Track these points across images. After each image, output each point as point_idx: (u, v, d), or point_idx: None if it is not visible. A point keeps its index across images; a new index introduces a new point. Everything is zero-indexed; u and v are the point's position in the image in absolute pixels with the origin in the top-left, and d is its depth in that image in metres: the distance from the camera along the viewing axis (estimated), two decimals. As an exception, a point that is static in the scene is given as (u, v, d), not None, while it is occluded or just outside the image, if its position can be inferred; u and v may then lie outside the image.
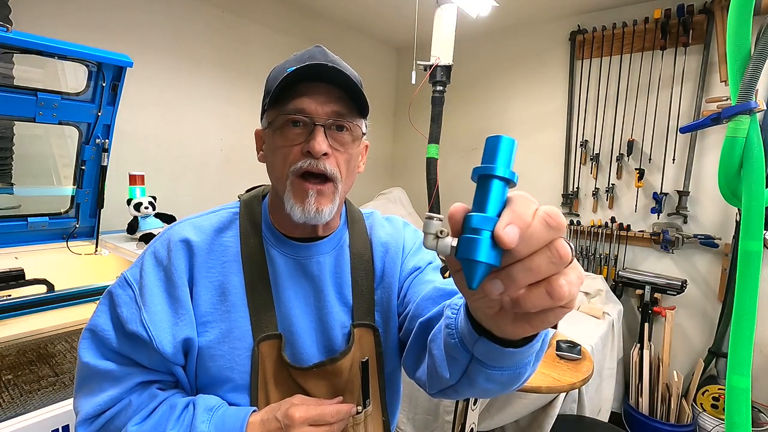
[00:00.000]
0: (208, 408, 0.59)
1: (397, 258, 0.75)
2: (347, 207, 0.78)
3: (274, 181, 0.67)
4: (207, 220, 0.69)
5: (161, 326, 0.60)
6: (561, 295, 0.30)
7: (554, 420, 1.50)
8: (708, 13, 2.24)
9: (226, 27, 2.41)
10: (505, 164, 0.31)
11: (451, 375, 0.53)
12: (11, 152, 1.59)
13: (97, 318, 0.63)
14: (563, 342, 1.34)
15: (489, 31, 3.01)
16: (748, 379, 0.87)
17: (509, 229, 0.29)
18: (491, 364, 0.46)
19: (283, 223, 0.69)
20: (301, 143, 0.62)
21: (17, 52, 1.28)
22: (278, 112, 0.63)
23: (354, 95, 0.63)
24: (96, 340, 0.62)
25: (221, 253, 0.66)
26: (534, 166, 2.94)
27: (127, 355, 0.61)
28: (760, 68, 0.87)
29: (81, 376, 0.62)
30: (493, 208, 0.31)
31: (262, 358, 0.64)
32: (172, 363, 0.62)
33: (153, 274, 0.63)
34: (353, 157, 0.67)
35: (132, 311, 0.61)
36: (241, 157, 2.57)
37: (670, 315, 2.25)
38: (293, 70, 0.60)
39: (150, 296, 0.61)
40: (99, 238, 1.74)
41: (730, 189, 0.96)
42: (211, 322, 0.63)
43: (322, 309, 0.69)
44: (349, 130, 0.64)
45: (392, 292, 0.74)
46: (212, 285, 0.64)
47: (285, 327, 0.66)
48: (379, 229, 0.78)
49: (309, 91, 0.62)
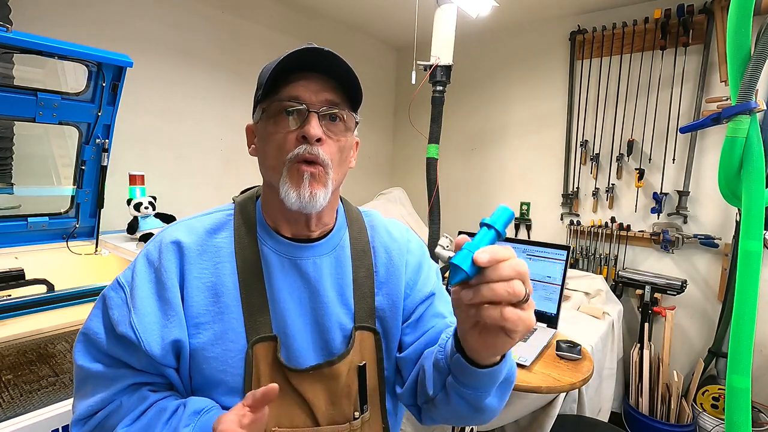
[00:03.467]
0: (195, 411, 0.58)
1: (401, 270, 0.75)
2: (345, 206, 0.78)
3: (266, 171, 0.66)
4: (200, 221, 0.69)
5: (150, 328, 0.60)
6: (508, 318, 0.44)
7: (554, 420, 1.50)
8: (708, 13, 2.24)
9: (226, 27, 2.41)
10: (502, 224, 0.48)
11: (434, 388, 0.64)
12: (11, 152, 1.59)
13: (90, 321, 0.64)
14: (563, 342, 1.34)
15: (489, 31, 3.01)
16: (748, 379, 0.87)
17: (482, 254, 0.44)
18: (461, 379, 0.58)
19: (278, 221, 0.69)
20: (295, 130, 0.62)
21: (17, 52, 1.28)
22: (272, 100, 0.64)
23: (347, 86, 0.65)
24: (88, 343, 0.63)
25: (214, 254, 0.66)
26: (534, 166, 2.94)
27: (118, 358, 0.61)
28: (760, 68, 0.87)
29: (77, 379, 0.63)
30: (482, 244, 0.46)
31: (256, 361, 0.63)
32: (161, 365, 0.61)
33: (144, 276, 0.63)
34: (345, 147, 0.67)
35: (122, 313, 0.61)
36: (240, 157, 2.57)
37: (670, 315, 2.25)
38: (289, 53, 0.60)
39: (140, 298, 0.61)
40: (99, 238, 1.73)
41: (730, 189, 0.96)
42: (204, 324, 0.63)
43: (318, 310, 0.67)
44: (342, 120, 0.65)
45: (396, 306, 0.73)
46: (204, 286, 0.64)
47: (280, 329, 0.65)
48: (381, 231, 0.78)
49: (303, 80, 0.63)
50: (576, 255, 2.72)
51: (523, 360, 1.24)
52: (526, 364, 1.22)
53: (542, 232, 2.94)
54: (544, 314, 1.52)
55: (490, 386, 0.58)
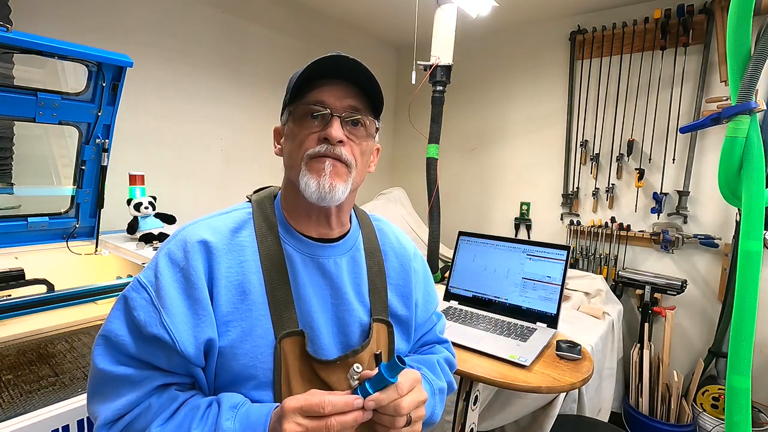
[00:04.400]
0: (232, 406, 0.60)
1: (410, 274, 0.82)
2: (355, 210, 0.82)
3: (289, 168, 0.70)
4: (221, 220, 0.70)
5: (182, 328, 0.60)
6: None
7: (554, 420, 1.50)
8: (708, 13, 2.24)
9: (226, 27, 2.41)
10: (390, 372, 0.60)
11: None
12: (11, 152, 1.59)
13: (110, 323, 0.63)
14: (563, 342, 1.33)
15: (489, 31, 3.01)
16: (748, 379, 0.87)
17: (369, 403, 0.59)
18: None
19: (300, 221, 0.72)
20: (318, 131, 0.66)
21: (17, 52, 1.28)
22: (298, 103, 0.68)
23: (370, 94, 0.69)
24: (110, 347, 0.61)
25: (239, 253, 0.67)
26: (534, 166, 2.94)
27: (145, 360, 0.61)
28: (760, 68, 0.87)
29: (96, 383, 0.62)
30: (374, 388, 0.60)
31: (284, 355, 0.65)
32: (193, 364, 0.62)
33: (169, 275, 0.63)
34: (366, 152, 0.71)
35: (150, 314, 0.60)
36: (241, 157, 2.57)
37: (670, 315, 2.25)
38: (317, 60, 0.64)
39: (168, 298, 0.61)
40: (99, 238, 1.73)
41: (730, 189, 0.96)
42: (232, 322, 0.64)
43: (340, 306, 0.71)
44: (364, 125, 0.69)
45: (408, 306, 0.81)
46: (232, 285, 0.65)
47: (305, 323, 0.68)
48: (390, 236, 0.84)
49: (328, 86, 0.67)
50: (576, 255, 2.72)
51: (523, 360, 1.24)
52: (526, 364, 1.22)
53: (542, 232, 2.94)
54: (544, 314, 1.52)
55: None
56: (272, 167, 2.67)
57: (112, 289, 1.41)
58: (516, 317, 1.55)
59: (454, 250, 1.78)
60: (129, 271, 1.66)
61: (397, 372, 0.60)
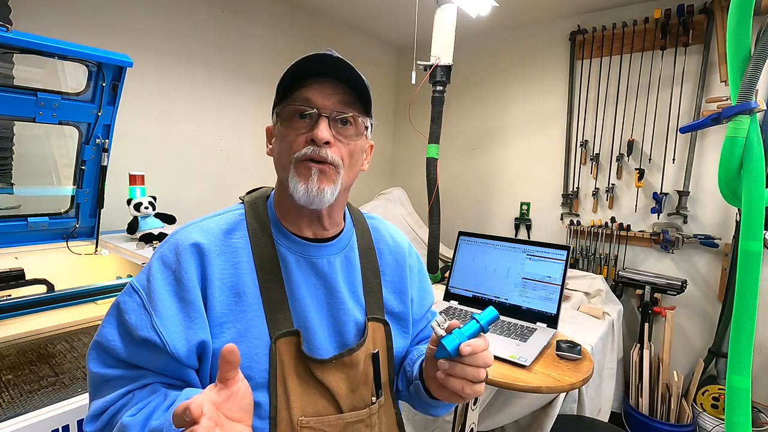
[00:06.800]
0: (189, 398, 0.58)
1: (405, 271, 0.82)
2: (349, 209, 0.81)
3: (279, 170, 0.69)
4: (213, 222, 0.69)
5: (174, 330, 0.60)
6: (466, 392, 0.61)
7: (554, 420, 1.50)
8: (708, 13, 2.24)
9: (226, 27, 2.41)
10: (486, 322, 0.62)
11: (402, 386, 0.81)
12: (11, 152, 1.59)
13: (103, 329, 0.63)
14: (563, 342, 1.33)
15: (489, 31, 3.01)
16: (748, 379, 0.87)
17: (466, 347, 0.59)
18: (416, 395, 0.76)
19: (294, 221, 0.71)
20: (305, 133, 0.65)
21: (17, 52, 1.28)
22: (286, 103, 0.67)
23: (359, 92, 0.67)
24: (102, 351, 0.62)
25: (232, 255, 0.67)
26: (534, 166, 2.94)
27: (137, 364, 0.61)
28: (760, 68, 0.87)
29: (92, 385, 0.63)
30: (468, 334, 0.61)
31: (280, 355, 0.65)
32: (185, 366, 0.62)
33: (161, 279, 0.63)
34: (356, 150, 0.69)
35: (141, 317, 0.60)
36: (240, 157, 2.57)
37: (670, 315, 2.25)
38: (303, 58, 0.63)
39: (159, 301, 0.61)
40: (99, 238, 1.73)
41: (730, 189, 0.96)
42: (227, 323, 0.64)
43: (334, 305, 0.71)
44: (353, 124, 0.68)
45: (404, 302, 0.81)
46: (226, 286, 0.65)
47: (300, 323, 0.68)
48: (384, 234, 0.84)
49: (316, 84, 0.66)
50: (576, 255, 2.72)
51: (523, 360, 1.24)
52: (526, 364, 1.22)
53: (542, 232, 2.94)
54: (544, 314, 1.52)
55: (440, 408, 0.79)
56: (272, 167, 2.66)
57: (112, 289, 1.41)
58: (516, 317, 1.55)
59: (454, 250, 1.78)
60: (129, 271, 1.66)
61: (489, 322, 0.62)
